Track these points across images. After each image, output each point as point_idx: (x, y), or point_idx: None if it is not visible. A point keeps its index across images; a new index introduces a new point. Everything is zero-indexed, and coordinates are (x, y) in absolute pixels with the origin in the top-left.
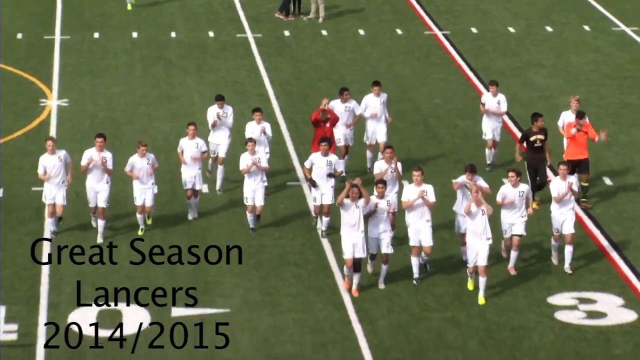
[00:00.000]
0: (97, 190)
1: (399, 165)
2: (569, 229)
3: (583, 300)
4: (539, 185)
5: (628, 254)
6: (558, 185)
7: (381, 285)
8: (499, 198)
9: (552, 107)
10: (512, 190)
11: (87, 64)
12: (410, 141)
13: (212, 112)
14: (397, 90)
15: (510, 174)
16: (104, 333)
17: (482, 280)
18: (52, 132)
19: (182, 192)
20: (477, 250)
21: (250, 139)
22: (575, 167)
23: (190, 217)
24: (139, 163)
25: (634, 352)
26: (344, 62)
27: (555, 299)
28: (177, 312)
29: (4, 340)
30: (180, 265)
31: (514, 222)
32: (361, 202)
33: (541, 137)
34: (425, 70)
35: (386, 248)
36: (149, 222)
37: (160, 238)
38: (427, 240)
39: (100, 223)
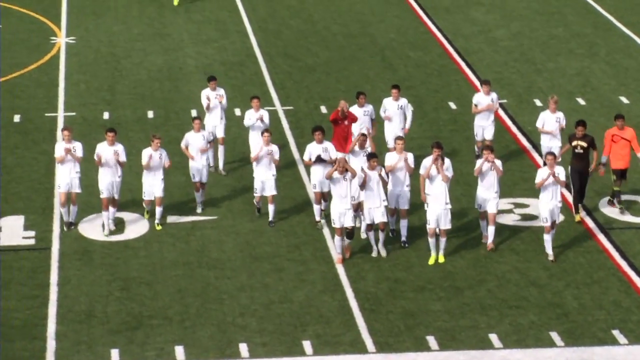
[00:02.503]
0: (111, 181)
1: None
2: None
3: (518, 205)
4: (581, 195)
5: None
6: (542, 173)
7: (383, 252)
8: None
9: (489, 40)
10: (485, 165)
11: (91, 5)
12: (369, 70)
13: (205, 94)
14: (357, 26)
15: (485, 151)
16: (110, 238)
17: (443, 241)
18: (61, 65)
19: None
20: (437, 214)
21: (267, 130)
22: (621, 174)
23: (199, 209)
24: (156, 156)
25: (558, 248)
26: (311, 3)
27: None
28: (173, 218)
29: (23, 245)
30: (173, 178)
31: (488, 199)
32: (349, 175)
33: (583, 144)
34: (382, 9)
35: (381, 217)
36: (159, 227)
37: None
38: (404, 204)
39: (112, 211)
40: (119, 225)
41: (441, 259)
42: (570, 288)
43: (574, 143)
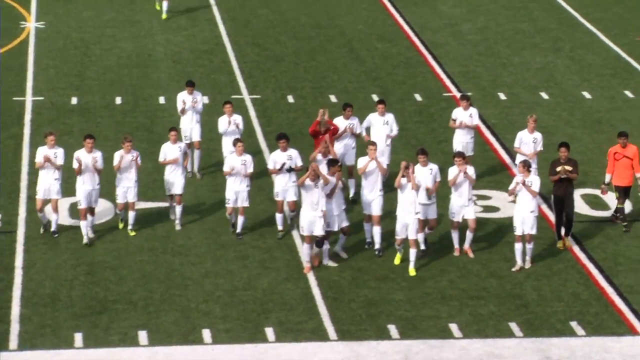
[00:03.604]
0: (90, 190)
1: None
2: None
3: (480, 197)
4: (567, 221)
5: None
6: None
7: (343, 255)
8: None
9: (456, 33)
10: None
11: None
12: (337, 61)
13: (181, 98)
14: (326, 17)
15: (456, 159)
16: (76, 222)
17: (413, 252)
18: (31, 50)
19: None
20: (406, 224)
21: (239, 139)
22: (622, 192)
23: (177, 223)
24: (128, 158)
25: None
26: None
27: None
28: (142, 204)
29: None
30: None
31: (464, 206)
32: (321, 182)
33: (568, 168)
34: (350, 1)
35: (345, 222)
36: (132, 234)
37: None
38: (377, 210)
39: (90, 219)
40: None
41: (412, 272)
42: (530, 279)
43: (558, 168)
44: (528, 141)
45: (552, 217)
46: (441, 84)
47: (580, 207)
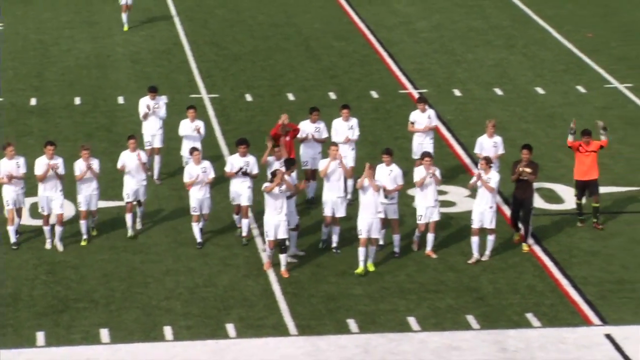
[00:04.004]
0: (52, 198)
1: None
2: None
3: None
4: (524, 220)
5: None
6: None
7: (299, 252)
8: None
9: (410, 31)
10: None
11: None
12: (294, 59)
13: (144, 103)
14: (283, 16)
15: (425, 159)
16: (37, 222)
17: (373, 249)
18: None
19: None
20: (369, 223)
21: (195, 148)
22: (585, 187)
23: (130, 232)
24: (85, 167)
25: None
26: None
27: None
28: (102, 204)
29: None
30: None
31: (430, 207)
32: (284, 187)
33: (527, 170)
34: None
35: (296, 219)
36: (94, 232)
37: None
38: (340, 211)
39: (59, 229)
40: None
41: (371, 268)
42: (487, 273)
43: (518, 169)
44: (488, 146)
45: (508, 212)
46: (397, 81)
47: (535, 200)
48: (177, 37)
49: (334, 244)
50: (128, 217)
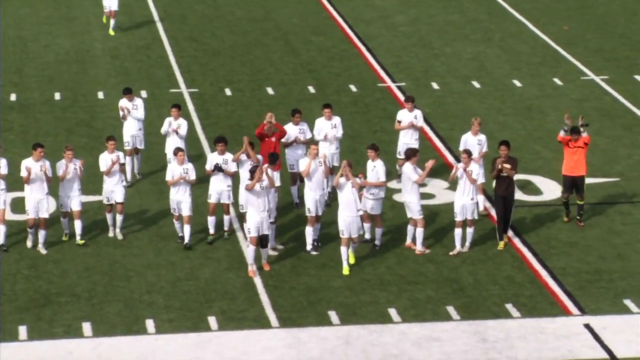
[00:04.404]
0: (39, 199)
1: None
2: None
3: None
4: (505, 220)
5: (453, 147)
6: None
7: (279, 246)
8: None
9: (389, 25)
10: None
11: None
12: (273, 54)
13: (121, 104)
14: (261, 11)
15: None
16: (18, 217)
17: (353, 246)
18: None
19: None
20: (348, 222)
21: (180, 149)
22: (573, 183)
23: (111, 233)
24: (71, 168)
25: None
26: None
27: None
28: (82, 198)
29: None
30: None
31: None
32: (265, 183)
33: (506, 165)
34: None
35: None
36: (81, 242)
37: None
38: (321, 210)
39: (42, 233)
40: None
41: (352, 259)
42: (466, 264)
43: (497, 164)
44: (472, 144)
45: (486, 203)
46: (375, 75)
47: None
48: (156, 33)
49: (311, 243)
50: (108, 217)
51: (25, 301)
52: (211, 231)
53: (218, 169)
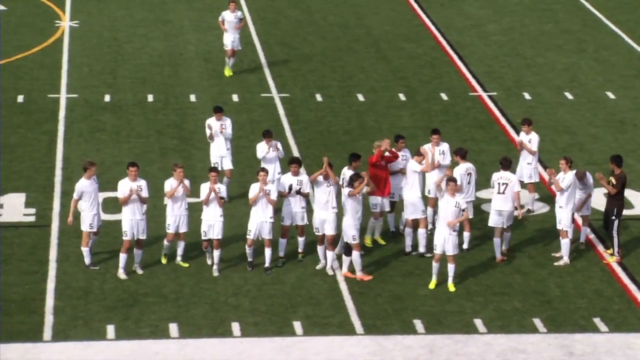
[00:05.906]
0: (137, 220)
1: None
2: (330, 230)
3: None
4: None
5: (543, 157)
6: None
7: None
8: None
9: (481, 34)
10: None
11: None
12: (364, 61)
13: (208, 123)
14: (353, 17)
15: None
16: (112, 216)
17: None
18: (65, 48)
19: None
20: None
21: (264, 169)
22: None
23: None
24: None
25: (543, 239)
26: None
27: None
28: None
29: (24, 222)
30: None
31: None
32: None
33: (613, 181)
34: (377, 1)
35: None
36: (185, 265)
37: None
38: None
39: (137, 253)
40: (114, 203)
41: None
42: (554, 276)
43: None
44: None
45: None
46: (466, 84)
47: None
48: (248, 37)
49: (281, 255)
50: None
51: (114, 300)
52: (280, 254)
53: (296, 192)
